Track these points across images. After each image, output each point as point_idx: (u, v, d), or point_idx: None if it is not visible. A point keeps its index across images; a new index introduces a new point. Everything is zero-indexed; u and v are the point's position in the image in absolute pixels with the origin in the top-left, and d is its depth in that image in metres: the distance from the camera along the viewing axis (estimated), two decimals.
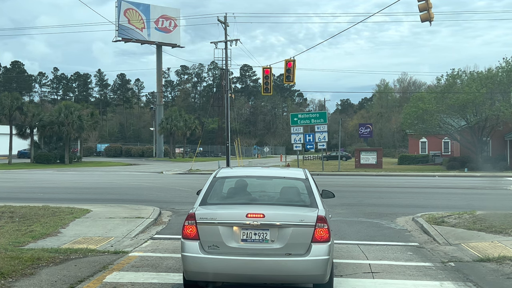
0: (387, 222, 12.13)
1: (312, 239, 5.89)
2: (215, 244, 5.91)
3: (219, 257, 5.85)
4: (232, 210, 6.32)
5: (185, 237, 6.09)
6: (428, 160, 59.64)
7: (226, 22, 39.67)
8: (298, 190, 6.94)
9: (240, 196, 6.91)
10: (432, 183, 25.55)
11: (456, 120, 43.92)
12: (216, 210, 6.25)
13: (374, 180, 27.59)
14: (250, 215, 5.92)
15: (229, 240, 5.89)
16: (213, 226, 5.94)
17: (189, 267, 5.97)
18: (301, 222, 5.92)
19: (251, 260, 5.81)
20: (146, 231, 10.74)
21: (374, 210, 14.20)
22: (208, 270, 5.89)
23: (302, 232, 5.88)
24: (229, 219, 5.99)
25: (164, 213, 13.52)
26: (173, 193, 19.28)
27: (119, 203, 15.35)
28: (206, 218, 6.04)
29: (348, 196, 17.74)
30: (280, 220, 5.92)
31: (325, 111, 44.63)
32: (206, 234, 5.95)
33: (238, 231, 5.91)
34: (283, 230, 5.88)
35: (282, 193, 7.02)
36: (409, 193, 19.34)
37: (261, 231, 5.89)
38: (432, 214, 12.39)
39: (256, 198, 7.05)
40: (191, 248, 5.95)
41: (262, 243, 5.88)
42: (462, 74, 43.61)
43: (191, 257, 5.92)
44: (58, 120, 52.59)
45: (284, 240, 5.85)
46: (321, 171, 35.46)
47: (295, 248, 5.85)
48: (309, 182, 6.96)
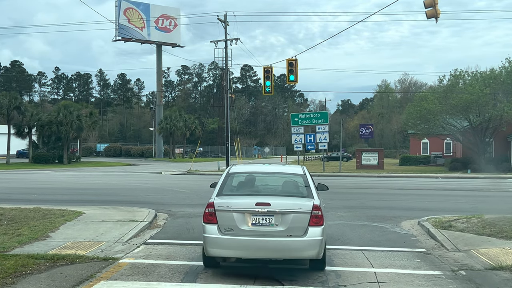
0: (391, 226, 11.64)
1: (308, 223, 7.17)
2: (230, 227, 7.18)
3: (233, 237, 7.14)
4: (243, 200, 7.54)
5: (206, 221, 7.39)
6: (430, 161, 59.13)
7: (226, 21, 39.18)
8: (297, 184, 8.31)
9: (249, 188, 8.20)
10: (435, 185, 25.04)
11: (459, 121, 43.45)
12: (231, 200, 7.50)
13: (376, 181, 27.08)
14: (258, 204, 7.21)
15: (241, 224, 7.17)
16: (229, 213, 7.23)
17: (209, 246, 7.25)
18: (300, 210, 7.22)
19: (259, 240, 7.10)
20: (139, 235, 10.25)
21: (377, 213, 13.70)
22: (224, 248, 7.20)
23: (300, 218, 7.17)
24: (241, 207, 7.26)
25: (160, 216, 13.04)
26: (170, 195, 18.80)
27: (114, 205, 14.87)
28: (223, 206, 7.30)
29: (350, 198, 17.26)
30: (283, 208, 7.21)
31: (326, 111, 44.07)
32: (222, 219, 7.23)
33: (249, 217, 7.20)
34: (285, 216, 7.17)
35: (284, 186, 8.38)
36: (413, 196, 18.82)
37: (268, 217, 7.19)
38: (438, 218, 11.90)
39: (262, 190, 8.37)
40: (211, 231, 7.27)
41: (268, 226, 7.18)
42: (465, 74, 43.10)
43: (211, 238, 7.23)
44: (56, 120, 52.12)
45: (286, 224, 7.14)
46: (321, 172, 34.94)
47: (295, 230, 7.13)
48: (306, 177, 8.34)
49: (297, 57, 26.52)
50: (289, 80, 26.38)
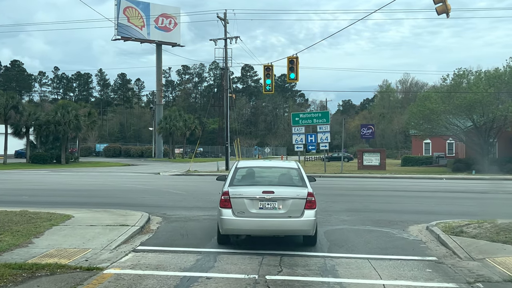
0: (398, 231, 10.95)
1: (304, 207, 8.86)
2: (242, 210, 8.81)
3: (245, 219, 8.77)
4: (252, 188, 9.21)
5: (222, 206, 8.94)
6: (432, 161, 58.44)
7: (225, 19, 38.53)
8: (292, 176, 10.06)
9: (254, 179, 10.00)
10: (441, 186, 24.33)
11: (462, 121, 42.75)
12: (242, 189, 9.16)
13: (380, 183, 26.38)
14: (265, 192, 8.87)
15: (251, 208, 8.81)
16: (241, 199, 8.87)
17: (225, 226, 8.88)
18: (298, 196, 8.93)
19: (265, 221, 8.78)
20: (129, 242, 9.56)
21: (383, 217, 13.01)
22: (237, 227, 8.86)
23: (298, 202, 8.87)
24: (251, 195, 8.91)
25: (153, 219, 12.37)
26: (166, 197, 18.13)
27: (106, 207, 14.20)
28: (236, 194, 8.94)
29: (353, 200, 16.57)
30: (284, 195, 8.90)
31: (327, 110, 43.35)
32: (236, 204, 8.85)
33: (257, 202, 8.83)
34: (286, 201, 8.84)
35: (282, 177, 10.24)
36: (419, 198, 18.10)
37: (272, 202, 8.83)
38: (448, 223, 11.21)
39: (266, 181, 10.07)
40: (227, 214, 8.84)
41: (272, 210, 8.82)
42: (469, 74, 42.38)
43: (227, 219, 8.82)
44: (54, 119, 51.46)
45: (287, 207, 8.81)
46: (323, 173, 34.22)
47: (294, 213, 8.80)
48: (300, 170, 10.14)
49: (298, 55, 25.95)
50: (290, 78, 25.73)
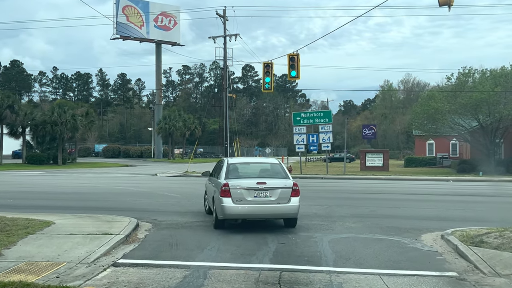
0: (410, 241, 9.91)
1: (290, 195, 10.61)
2: (239, 199, 10.40)
3: (242, 205, 10.39)
4: (247, 180, 10.80)
5: (223, 196, 10.42)
6: (436, 162, 57.39)
7: (225, 16, 37.53)
8: (276, 169, 11.62)
9: (245, 173, 11.55)
10: (449, 189, 23.26)
11: (468, 121, 41.70)
12: (239, 181, 10.72)
13: (385, 185, 25.32)
14: (258, 183, 10.54)
15: (247, 196, 10.43)
16: (239, 189, 10.44)
17: (226, 212, 10.39)
18: (285, 186, 10.66)
19: (259, 207, 10.50)
20: (110, 253, 8.54)
21: (391, 223, 11.98)
22: (236, 212, 10.45)
23: (286, 191, 10.60)
24: (247, 185, 10.52)
25: (142, 226, 11.36)
26: (160, 200, 17.10)
27: (94, 212, 13.21)
28: (234, 185, 10.49)
29: (358, 205, 15.53)
30: (274, 185, 10.61)
31: (329, 110, 42.29)
32: (234, 193, 10.40)
33: (252, 191, 10.45)
34: (276, 190, 10.54)
35: (268, 171, 11.68)
36: (428, 202, 17.02)
37: (265, 191, 10.48)
38: (465, 231, 10.17)
39: (255, 173, 11.58)
40: (227, 202, 10.37)
41: (265, 198, 10.49)
42: (474, 72, 41.31)
43: (227, 206, 10.35)
44: (51, 119, 50.50)
45: (276, 195, 10.51)
46: (325, 174, 33.19)
47: (282, 200, 10.53)
48: (281, 165, 11.85)
49: (298, 52, 24.95)
50: (291, 76, 24.70)
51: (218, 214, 10.74)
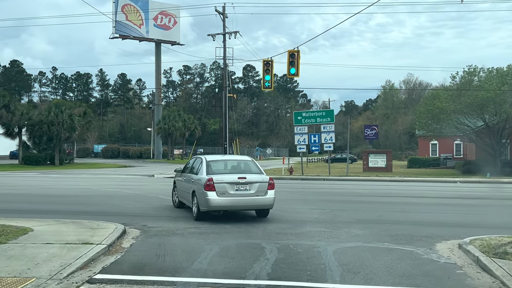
0: (425, 251, 8.93)
1: (267, 188, 12.08)
2: (222, 192, 11.71)
3: (225, 198, 11.73)
4: (229, 176, 12.14)
5: (208, 189, 11.62)
6: (440, 163, 56.43)
7: (224, 13, 36.58)
8: (251, 165, 12.98)
9: (224, 169, 12.89)
10: (457, 191, 22.22)
11: (473, 121, 40.72)
12: (222, 176, 11.99)
13: (390, 187, 24.30)
14: (240, 177, 11.96)
15: (229, 190, 11.78)
16: (222, 183, 11.75)
17: (210, 204, 11.64)
18: (263, 180, 12.13)
19: (240, 199, 11.91)
20: (88, 267, 7.57)
21: (401, 230, 10.99)
22: (220, 204, 11.73)
23: (263, 185, 12.07)
24: (229, 180, 11.88)
25: (129, 233, 10.41)
26: (153, 203, 16.11)
27: (79, 216, 12.26)
28: (218, 179, 11.78)
29: (364, 209, 14.53)
30: (253, 180, 12.04)
31: (332, 109, 41.25)
32: (218, 187, 11.67)
33: (234, 185, 11.82)
34: (254, 184, 11.98)
35: (244, 167, 12.95)
36: (437, 205, 15.98)
37: (245, 185, 11.91)
38: (484, 240, 9.19)
39: (233, 169, 12.91)
40: (212, 195, 11.61)
41: (245, 191, 11.91)
42: (480, 71, 40.30)
43: (212, 199, 11.61)
44: (47, 119, 49.56)
45: (255, 189, 11.96)
46: (327, 175, 32.19)
47: (260, 192, 12.01)
48: (255, 162, 13.25)
49: (295, 51, 24.03)
50: (290, 73, 23.81)
51: (201, 207, 11.88)
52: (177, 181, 14.68)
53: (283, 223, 11.78)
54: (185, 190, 13.45)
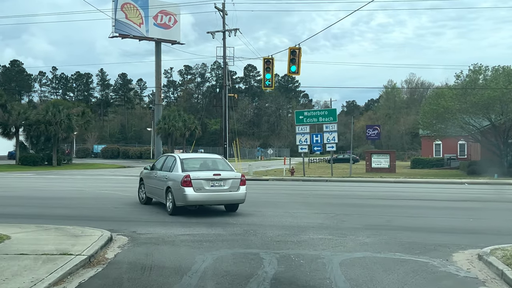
0: (441, 262, 8.04)
1: (239, 184, 13.13)
2: (199, 188, 12.59)
3: (202, 193, 12.63)
4: (205, 172, 13.05)
5: (185, 186, 12.48)
6: (443, 163, 55.49)
7: (224, 10, 35.71)
8: (222, 163, 14.01)
9: (198, 166, 13.62)
10: (466, 193, 21.28)
11: (478, 121, 39.82)
12: (198, 173, 12.93)
13: (395, 189, 23.37)
14: (215, 174, 12.91)
15: (205, 186, 12.68)
16: (199, 180, 12.63)
17: (188, 199, 12.52)
18: (235, 177, 13.19)
19: (215, 194, 12.82)
20: (63, 282, 6.69)
21: (413, 237, 10.09)
22: (197, 199, 12.65)
23: (236, 181, 13.10)
24: (205, 176, 12.79)
25: (116, 241, 9.54)
26: (147, 207, 15.19)
27: (67, 221, 11.42)
28: (195, 176, 12.65)
29: (370, 213, 13.62)
30: (227, 176, 13.03)
31: (334, 108, 40.34)
32: (195, 183, 12.54)
33: (209, 182, 12.75)
34: (228, 180, 12.98)
35: (216, 164, 13.82)
36: (448, 209, 15.04)
37: (219, 181, 12.86)
38: (506, 250, 8.30)
39: (207, 167, 13.57)
40: (189, 190, 12.48)
41: (220, 187, 12.85)
42: (486, 70, 39.38)
43: (189, 194, 12.48)
44: (44, 119, 48.76)
45: (229, 185, 12.97)
46: (329, 176, 31.28)
47: (233, 188, 13.02)
48: (225, 160, 14.64)
49: (300, 46, 23.18)
50: (290, 71, 23.00)
51: (177, 202, 12.68)
52: (146, 178, 15.30)
53: (283, 229, 10.90)
54: (156, 186, 14.14)
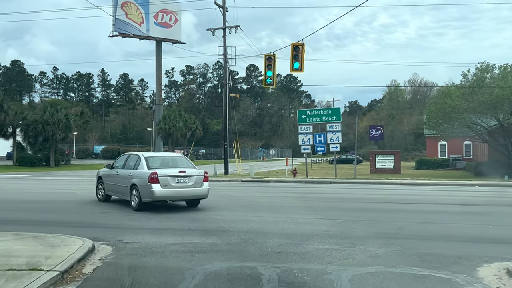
0: (465, 279, 6.99)
1: (203, 180, 14.09)
2: (165, 184, 13.39)
3: (168, 189, 13.45)
4: (171, 170, 13.88)
5: (152, 182, 13.24)
6: (449, 164, 54.39)
7: (224, 6, 34.73)
8: (184, 161, 14.97)
9: (162, 164, 14.40)
10: (479, 196, 20.13)
11: (486, 120, 38.75)
12: (164, 170, 13.70)
13: (403, 191, 22.27)
14: (180, 171, 13.78)
15: (172, 182, 13.53)
16: (165, 177, 13.47)
17: (155, 195, 13.28)
18: (199, 174, 14.07)
19: (181, 190, 13.69)
20: None
21: (430, 248, 9.02)
22: (163, 195, 13.47)
23: (200, 178, 14.04)
24: (171, 173, 13.63)
25: (99, 251, 8.54)
26: (139, 211, 14.20)
27: (50, 228, 10.45)
28: (162, 173, 13.45)
29: (379, 219, 12.54)
30: (191, 173, 13.94)
31: (338, 107, 39.24)
32: (162, 180, 13.35)
33: (175, 178, 13.62)
34: (192, 177, 13.91)
35: (178, 162, 14.78)
36: (463, 214, 13.90)
37: (184, 178, 13.77)
38: None
39: (171, 164, 14.50)
40: (156, 187, 13.25)
41: (185, 183, 13.75)
42: (493, 68, 38.28)
43: (157, 190, 13.24)
44: (42, 119, 47.95)
45: (193, 181, 13.90)
46: (333, 178, 30.23)
47: (197, 184, 13.97)
48: (187, 158, 15.53)
49: (303, 42, 22.24)
50: (293, 68, 22.04)
51: (144, 198, 13.49)
52: (106, 177, 15.97)
53: (285, 238, 9.85)
54: (119, 184, 14.89)
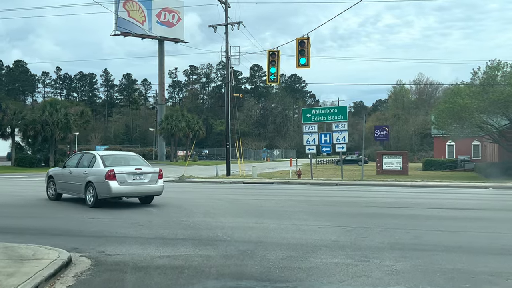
0: None
1: (158, 177, 15.06)
2: (122, 181, 14.16)
3: (125, 186, 14.21)
4: (127, 167, 14.62)
5: (109, 179, 13.96)
6: (457, 165, 53.10)
7: (226, 2, 33.63)
8: (138, 159, 15.86)
9: (119, 162, 15.22)
10: (499, 200, 18.91)
11: (496, 120, 37.54)
12: (121, 168, 14.44)
13: (414, 194, 21.01)
14: (137, 169, 14.62)
15: (128, 179, 14.31)
16: (122, 174, 14.20)
17: (112, 191, 14.01)
18: (154, 171, 15.03)
19: (137, 187, 14.50)
20: None
21: (454, 261, 7.82)
22: (120, 192, 14.23)
23: (155, 175, 15.02)
24: (128, 171, 14.41)
25: (76, 265, 7.44)
26: (128, 217, 13.04)
27: (26, 235, 9.42)
28: (119, 171, 14.20)
29: (393, 226, 11.32)
30: (147, 171, 14.86)
31: (345, 106, 38.07)
32: (119, 177, 14.09)
33: (132, 176, 14.39)
34: (148, 174, 14.81)
35: (133, 160, 15.61)
36: (485, 221, 12.54)
37: (140, 175, 14.58)
38: None
39: (126, 162, 15.27)
40: (113, 184, 13.98)
41: (141, 180, 14.57)
42: (504, 66, 37.02)
43: (114, 187, 13.98)
44: (41, 118, 47.04)
45: (148, 178, 14.80)
46: (340, 180, 29.06)
47: (152, 181, 14.90)
48: (140, 156, 16.40)
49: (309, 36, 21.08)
50: (299, 64, 21.02)
51: (100, 195, 14.08)
52: (58, 175, 16.36)
53: (288, 249, 8.67)
54: (73, 182, 15.35)
